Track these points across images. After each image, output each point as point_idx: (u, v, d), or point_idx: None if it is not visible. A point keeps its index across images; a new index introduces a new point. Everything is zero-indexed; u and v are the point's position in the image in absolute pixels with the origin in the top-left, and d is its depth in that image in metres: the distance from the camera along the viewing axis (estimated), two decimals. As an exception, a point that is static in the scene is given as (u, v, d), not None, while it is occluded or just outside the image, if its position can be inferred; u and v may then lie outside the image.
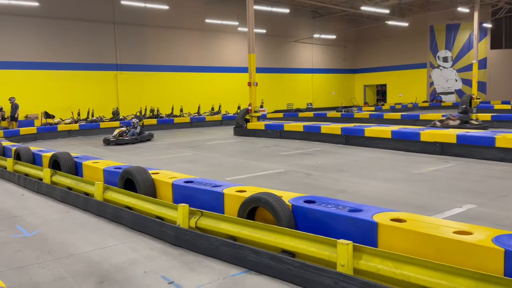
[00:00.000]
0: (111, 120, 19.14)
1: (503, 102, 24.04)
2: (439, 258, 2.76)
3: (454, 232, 2.88)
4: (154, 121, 19.09)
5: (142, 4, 20.40)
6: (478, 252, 2.66)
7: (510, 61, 28.73)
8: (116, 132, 13.65)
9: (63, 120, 18.51)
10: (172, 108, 21.84)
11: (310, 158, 9.44)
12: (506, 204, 5.15)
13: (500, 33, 30.48)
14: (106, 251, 3.97)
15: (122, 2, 19.86)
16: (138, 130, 14.00)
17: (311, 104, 29.95)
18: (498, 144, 8.15)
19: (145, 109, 21.08)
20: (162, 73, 23.33)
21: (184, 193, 4.71)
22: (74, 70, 20.60)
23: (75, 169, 6.77)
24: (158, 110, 20.99)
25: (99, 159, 7.24)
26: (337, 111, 22.51)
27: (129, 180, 5.21)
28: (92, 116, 19.41)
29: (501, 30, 30.44)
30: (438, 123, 13.52)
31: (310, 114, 22.76)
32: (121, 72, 21.98)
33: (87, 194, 5.60)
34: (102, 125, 17.81)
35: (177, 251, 3.87)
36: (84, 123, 18.03)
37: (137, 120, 14.42)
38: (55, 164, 6.94)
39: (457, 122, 13.37)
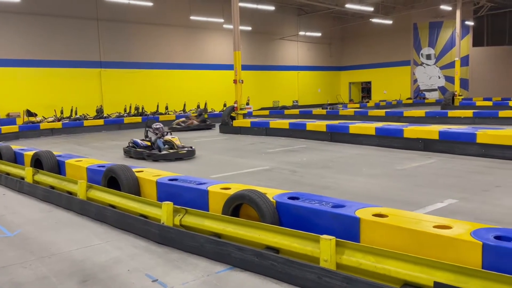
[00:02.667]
0: (95, 118, 18.92)
1: (484, 99, 24.47)
2: (419, 252, 2.81)
3: (434, 227, 2.93)
4: (138, 119, 18.93)
5: (125, 1, 20.15)
6: (457, 246, 2.71)
7: (492, 59, 29.25)
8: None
9: (45, 118, 18.21)
10: (157, 106, 21.68)
11: (295, 155, 9.49)
12: (486, 199, 5.26)
13: (482, 31, 31.00)
14: (89, 250, 3.94)
15: (106, -1, 19.65)
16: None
17: (297, 101, 30.05)
18: (479, 140, 8.30)
19: (130, 107, 20.88)
20: (146, 71, 23.13)
21: (168, 191, 4.70)
22: (56, 68, 20.29)
23: (58, 167, 6.69)
24: (143, 108, 20.82)
25: (83, 157, 7.16)
26: (322, 108, 22.63)
27: (113, 179, 5.17)
28: (76, 114, 19.15)
29: (483, 28, 30.96)
30: None
31: (296, 111, 22.83)
32: (105, 69, 21.72)
33: (70, 193, 5.54)
34: (86, 123, 17.59)
35: (162, 249, 3.86)
36: (67, 121, 17.78)
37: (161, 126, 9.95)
38: (37, 163, 6.84)
39: None
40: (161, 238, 3.98)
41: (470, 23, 28.26)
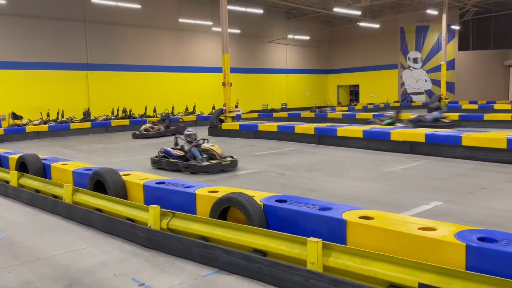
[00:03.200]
0: (81, 121, 18.74)
1: (470, 102, 24.83)
2: (405, 254, 2.84)
3: (419, 228, 2.97)
4: (126, 122, 18.80)
5: (113, 3, 20.02)
6: (441, 247, 2.75)
7: (477, 62, 29.71)
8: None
9: (31, 121, 17.96)
10: (145, 109, 21.55)
11: (283, 157, 9.51)
12: (471, 201, 5.33)
13: (468, 35, 31.48)
14: (74, 254, 3.89)
15: (93, 0, 19.44)
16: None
17: (285, 104, 30.14)
18: (464, 142, 8.42)
19: (117, 110, 20.71)
20: (134, 73, 22.99)
21: (155, 194, 4.67)
22: (43, 70, 20.05)
23: (43, 171, 6.60)
24: (130, 111, 20.66)
25: (69, 160, 7.08)
26: (311, 111, 22.73)
27: (99, 182, 5.12)
28: (62, 117, 18.93)
29: (468, 32, 31.45)
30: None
31: (284, 114, 22.90)
32: (92, 71, 21.53)
33: (55, 196, 5.48)
34: (73, 126, 17.41)
35: (148, 253, 3.84)
36: (53, 124, 17.57)
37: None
38: (23, 166, 6.74)
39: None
40: (148, 242, 3.96)
41: (456, 27, 28.68)
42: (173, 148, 8.45)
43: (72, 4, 20.71)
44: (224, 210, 3.93)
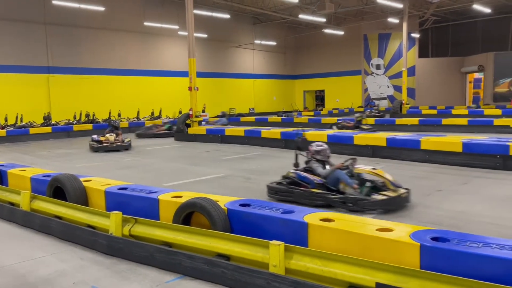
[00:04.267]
0: (42, 125, 18.10)
1: (430, 107, 25.77)
2: (364, 255, 2.93)
3: (377, 230, 3.07)
4: (89, 126, 18.31)
5: (75, 5, 19.52)
6: (398, 247, 2.85)
7: (436, 69, 30.89)
8: None
9: (-12, 126, 17.21)
10: (109, 113, 21.06)
11: (250, 162, 9.55)
12: (428, 203, 5.54)
13: (427, 43, 32.75)
14: (32, 263, 3.77)
15: (54, 2, 18.89)
16: None
17: (253, 109, 30.27)
18: (423, 146, 8.74)
19: (80, 114, 20.15)
20: (98, 76, 22.44)
21: (117, 201, 4.59)
22: (1, 73, 19.24)
23: (0, 178, 6.34)
24: (94, 115, 20.16)
25: (27, 166, 6.84)
26: (278, 116, 22.92)
27: (59, 189, 4.98)
28: (21, 121, 18.22)
29: (427, 40, 32.72)
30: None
31: (252, 118, 22.99)
32: (54, 75, 20.86)
33: (12, 204, 5.27)
34: (32, 131, 16.79)
35: (110, 260, 3.76)
36: (11, 129, 16.89)
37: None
38: (-23, 173, 6.45)
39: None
40: (109, 249, 3.88)
41: (416, 35, 29.73)
42: (304, 171, 5.86)
43: (32, 5, 20.02)
44: (188, 215, 3.91)
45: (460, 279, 2.41)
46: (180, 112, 22.04)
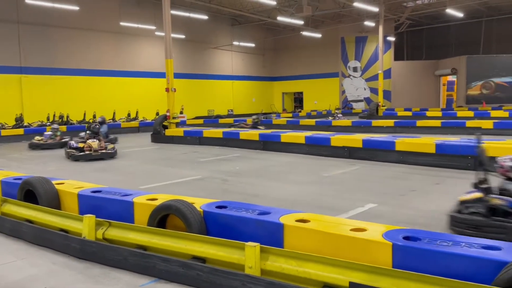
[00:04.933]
0: (14, 127, 17.61)
1: (405, 109, 26.28)
2: (338, 255, 2.96)
3: (351, 230, 3.11)
4: (63, 128, 17.89)
5: (49, 4, 19.08)
6: (370, 247, 2.89)
7: (411, 72, 31.55)
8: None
9: (-44, 128, 16.64)
10: (84, 114, 20.66)
11: (228, 164, 9.53)
12: (403, 202, 5.65)
13: (402, 46, 33.42)
14: (2, 268, 3.66)
15: (27, 1, 18.42)
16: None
17: (232, 110, 30.22)
18: (397, 147, 8.90)
19: (54, 115, 19.70)
20: (73, 77, 21.98)
21: (91, 204, 4.50)
22: (-30, 73, 18.67)
23: (-32, 181, 6.12)
24: (68, 117, 19.73)
25: (-3, 169, 6.64)
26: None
27: (30, 192, 4.85)
28: (-8, 123, 17.71)
29: (403, 43, 33.39)
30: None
31: (230, 120, 22.96)
32: (26, 75, 20.32)
33: (-19, 208, 5.10)
34: (3, 132, 16.33)
35: (82, 265, 3.69)
36: (-18, 130, 16.38)
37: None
38: None
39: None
40: (82, 253, 3.80)
41: (392, 38, 30.31)
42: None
43: (4, 4, 19.46)
44: (163, 218, 3.87)
45: (430, 277, 2.46)
46: (157, 114, 21.82)
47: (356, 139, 9.70)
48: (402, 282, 2.55)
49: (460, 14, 25.45)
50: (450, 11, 24.23)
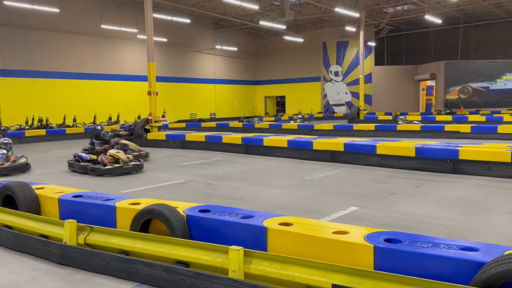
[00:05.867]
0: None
1: (386, 114, 26.73)
2: (321, 257, 3.00)
3: (334, 233, 3.15)
4: (42, 132, 17.60)
5: (29, 6, 18.76)
6: (353, 249, 2.94)
7: (392, 77, 32.10)
8: None
9: None
10: (64, 118, 20.34)
11: (211, 167, 9.51)
12: (383, 205, 5.74)
13: (383, 51, 34.02)
14: (-21, 276, 3.57)
15: (5, 2, 18.08)
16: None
17: (214, 114, 30.20)
18: (378, 151, 9.04)
19: (32, 119, 19.32)
20: (53, 80, 21.63)
21: (72, 209, 4.44)
22: None
23: None
24: (47, 120, 19.39)
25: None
26: (239, 121, 23.00)
27: (9, 197, 4.76)
28: (-32, 126, 17.25)
29: (383, 48, 33.99)
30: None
31: (213, 124, 22.93)
32: (4, 78, 19.90)
33: (-43, 214, 4.97)
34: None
35: (63, 270, 3.63)
36: (-43, 134, 15.92)
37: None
38: None
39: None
40: (64, 258, 3.75)
41: (372, 44, 30.80)
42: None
43: (-20, 4, 19.08)
44: (146, 222, 3.85)
45: (411, 278, 2.52)
46: (139, 117, 21.63)
47: (338, 143, 9.81)
48: (383, 284, 2.59)
49: (438, 21, 26.06)
50: (428, 17, 24.79)
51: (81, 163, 9.00)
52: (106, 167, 8.67)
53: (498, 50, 30.03)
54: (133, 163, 8.97)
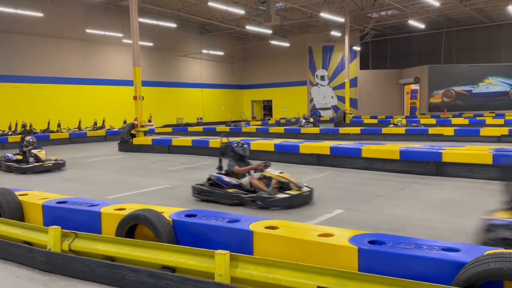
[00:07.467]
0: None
1: (371, 117, 26.98)
2: (306, 260, 3.02)
3: (319, 235, 3.18)
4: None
5: (12, 10, 18.50)
6: (337, 252, 2.97)
7: (377, 81, 32.45)
8: None
9: None
10: (48, 123, 20.06)
11: (198, 172, 9.48)
12: (369, 208, 5.80)
13: (368, 55, 34.40)
14: (-40, 285, 3.51)
15: (-12, 6, 17.84)
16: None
17: (201, 118, 30.11)
18: (364, 154, 9.13)
19: (16, 124, 19.01)
20: (36, 85, 21.33)
21: (56, 215, 4.39)
22: None
23: None
24: (31, 126, 19.10)
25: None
26: (226, 125, 22.99)
27: (-8, 204, 4.68)
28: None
29: (368, 53, 34.38)
30: None
31: (199, 128, 22.87)
32: (-13, 83, 19.59)
33: None
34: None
35: (48, 277, 3.59)
36: None
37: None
38: None
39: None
40: (48, 265, 3.70)
41: (358, 48, 31.12)
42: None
43: (-38, 8, 18.75)
44: (131, 228, 3.83)
45: (394, 279, 2.56)
46: (124, 122, 21.46)
47: (324, 147, 9.88)
48: (367, 285, 2.63)
49: (421, 25, 26.49)
50: (412, 22, 25.18)
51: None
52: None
53: (480, 54, 30.64)
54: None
